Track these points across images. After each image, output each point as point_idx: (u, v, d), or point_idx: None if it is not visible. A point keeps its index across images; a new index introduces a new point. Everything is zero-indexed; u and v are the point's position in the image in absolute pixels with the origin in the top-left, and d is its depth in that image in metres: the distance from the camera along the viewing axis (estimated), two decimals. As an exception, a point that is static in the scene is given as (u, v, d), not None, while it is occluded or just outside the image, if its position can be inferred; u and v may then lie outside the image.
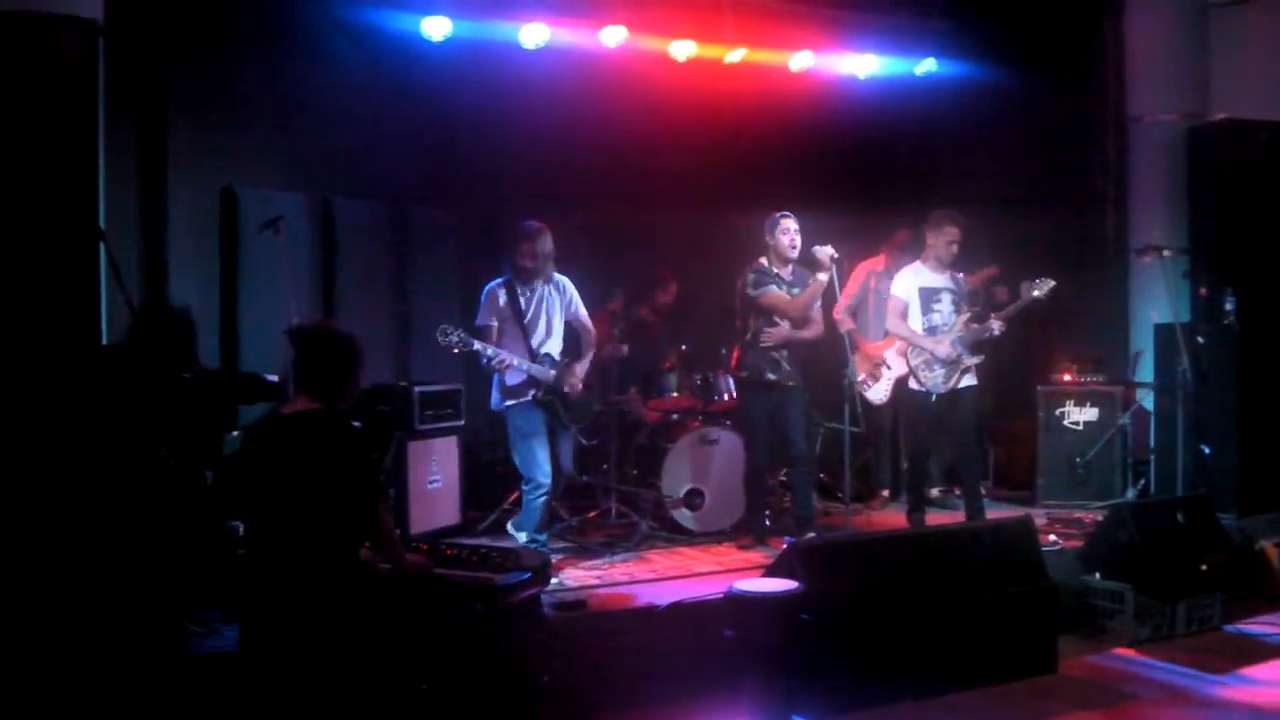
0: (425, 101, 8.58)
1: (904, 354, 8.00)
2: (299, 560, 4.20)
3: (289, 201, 7.96)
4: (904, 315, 7.92)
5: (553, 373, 7.01)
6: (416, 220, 8.99)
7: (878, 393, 8.60)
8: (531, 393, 6.96)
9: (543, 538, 6.95)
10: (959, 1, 10.13)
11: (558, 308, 7.17)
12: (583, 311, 7.31)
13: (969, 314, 7.90)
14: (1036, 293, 7.89)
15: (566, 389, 7.09)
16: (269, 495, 4.25)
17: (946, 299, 7.92)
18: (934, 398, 7.84)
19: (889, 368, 8.49)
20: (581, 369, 7.23)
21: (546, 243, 7.02)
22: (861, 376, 8.47)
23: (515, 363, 6.87)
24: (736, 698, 5.32)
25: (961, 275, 8.05)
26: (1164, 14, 9.86)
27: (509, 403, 6.99)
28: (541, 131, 8.73)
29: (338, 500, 4.23)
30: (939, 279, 7.94)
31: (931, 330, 7.86)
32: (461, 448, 8.08)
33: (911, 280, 7.95)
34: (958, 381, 7.83)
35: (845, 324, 8.35)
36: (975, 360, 7.86)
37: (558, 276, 7.20)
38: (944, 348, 7.78)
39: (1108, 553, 7.01)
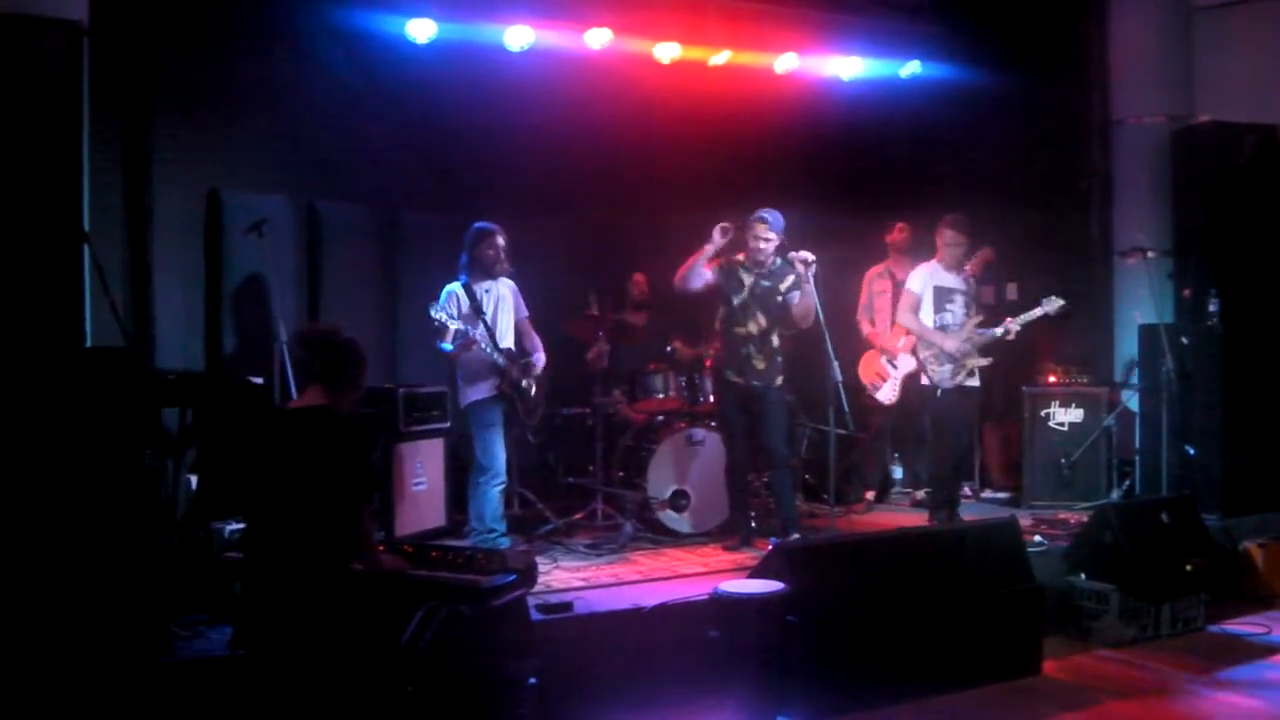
0: (410, 104, 8.58)
1: (912, 349, 8.10)
2: (294, 553, 4.30)
3: (274, 204, 7.96)
4: (916, 310, 8.00)
5: (514, 364, 7.29)
6: (401, 222, 8.98)
7: (887, 393, 8.79)
8: (495, 381, 7.21)
9: (501, 527, 7.22)
10: (944, 4, 10.16)
11: (509, 307, 7.45)
12: (524, 313, 7.55)
13: (980, 318, 7.97)
14: (1047, 309, 7.93)
15: (525, 384, 7.38)
16: (268, 489, 4.38)
17: (959, 300, 8.02)
18: (940, 392, 7.91)
19: (895, 366, 8.59)
20: (538, 366, 7.52)
21: (502, 240, 7.34)
22: (870, 382, 8.52)
23: (485, 348, 7.12)
24: (723, 699, 5.33)
25: (973, 277, 8.13)
26: (1149, 17, 9.88)
27: (473, 397, 7.25)
28: (527, 133, 8.74)
29: (331, 495, 4.33)
30: (953, 279, 8.04)
31: (943, 328, 7.94)
32: (447, 450, 8.07)
33: (927, 278, 8.03)
34: (963, 379, 7.89)
35: (864, 327, 8.55)
36: (983, 362, 7.93)
37: (506, 279, 7.45)
38: (953, 343, 7.85)
39: (1093, 553, 7.04)
